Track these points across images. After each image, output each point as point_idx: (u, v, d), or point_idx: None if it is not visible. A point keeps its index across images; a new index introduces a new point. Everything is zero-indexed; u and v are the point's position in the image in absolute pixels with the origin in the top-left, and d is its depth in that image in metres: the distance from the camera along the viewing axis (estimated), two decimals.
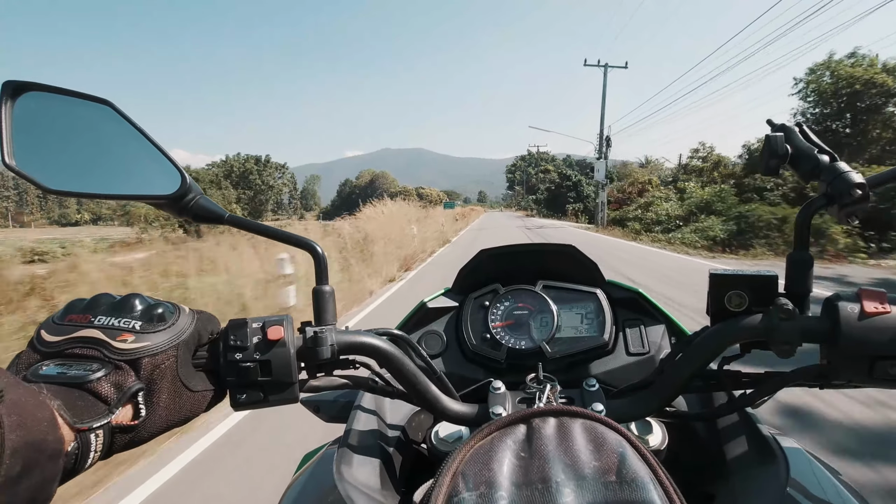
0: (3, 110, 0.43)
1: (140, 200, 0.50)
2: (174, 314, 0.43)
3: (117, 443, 0.38)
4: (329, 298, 0.52)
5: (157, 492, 2.19)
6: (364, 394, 0.69)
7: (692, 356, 0.54)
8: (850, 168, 0.50)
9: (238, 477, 2.27)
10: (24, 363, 0.37)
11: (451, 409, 0.56)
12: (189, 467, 2.40)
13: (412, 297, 5.35)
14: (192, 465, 2.42)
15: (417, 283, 8.03)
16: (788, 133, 0.54)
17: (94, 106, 0.47)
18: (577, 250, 0.80)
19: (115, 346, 0.38)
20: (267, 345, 0.45)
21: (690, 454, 0.65)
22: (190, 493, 2.16)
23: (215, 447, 2.59)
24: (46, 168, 0.45)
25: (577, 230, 23.51)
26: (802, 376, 0.52)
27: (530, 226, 28.26)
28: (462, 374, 0.74)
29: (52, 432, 0.30)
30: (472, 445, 0.38)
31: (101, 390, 0.36)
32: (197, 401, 0.44)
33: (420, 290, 6.71)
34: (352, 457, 0.58)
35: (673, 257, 11.13)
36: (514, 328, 0.76)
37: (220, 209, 0.52)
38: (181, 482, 2.27)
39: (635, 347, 0.76)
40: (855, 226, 0.58)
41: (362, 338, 0.51)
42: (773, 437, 0.56)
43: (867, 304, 0.45)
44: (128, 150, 0.48)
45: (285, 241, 0.54)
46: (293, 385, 0.46)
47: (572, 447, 0.37)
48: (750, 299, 0.52)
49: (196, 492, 2.16)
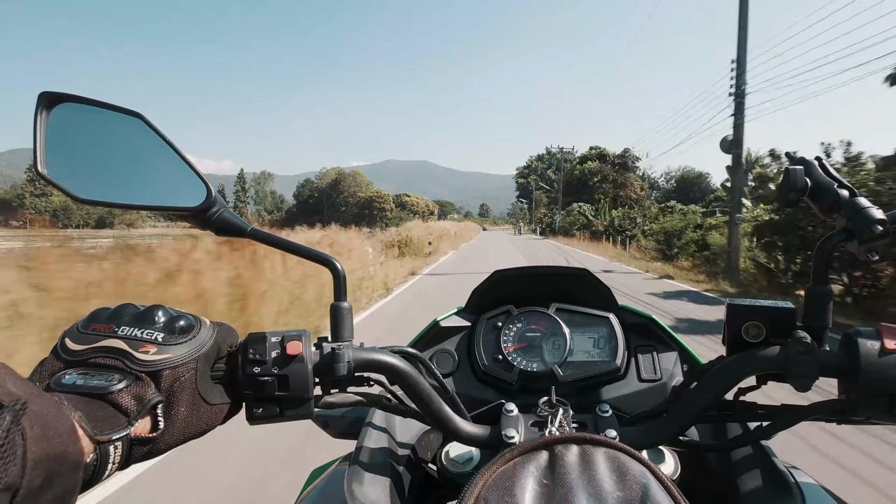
0: (39, 120, 0.44)
1: (166, 211, 0.51)
2: (195, 326, 0.43)
3: (135, 454, 0.38)
4: (347, 315, 0.52)
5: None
6: (375, 411, 0.69)
7: (707, 385, 0.53)
8: (870, 203, 0.50)
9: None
10: (48, 371, 0.37)
11: (463, 430, 0.56)
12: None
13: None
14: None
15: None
16: (808, 166, 0.54)
17: (125, 118, 0.48)
18: (592, 274, 0.80)
19: (137, 358, 0.38)
20: (285, 360, 0.45)
21: (703, 485, 0.64)
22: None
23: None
24: (77, 178, 0.46)
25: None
26: (820, 411, 0.52)
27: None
28: (473, 395, 0.74)
29: (73, 444, 0.30)
30: (495, 470, 0.38)
31: (122, 402, 0.36)
32: (214, 414, 0.44)
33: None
34: (363, 475, 0.57)
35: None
36: (526, 350, 0.76)
37: (244, 223, 0.52)
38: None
39: (647, 374, 0.75)
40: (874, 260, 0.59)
41: (378, 355, 0.51)
42: (788, 471, 0.55)
43: (888, 340, 0.45)
44: (157, 162, 0.49)
45: (305, 256, 0.54)
46: (309, 401, 0.46)
47: (595, 476, 0.36)
48: (767, 331, 0.52)
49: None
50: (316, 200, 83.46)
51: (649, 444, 0.56)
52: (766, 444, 0.60)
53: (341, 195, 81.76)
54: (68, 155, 0.46)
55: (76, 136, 0.47)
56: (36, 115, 0.44)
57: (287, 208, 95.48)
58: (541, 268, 0.82)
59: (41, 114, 0.44)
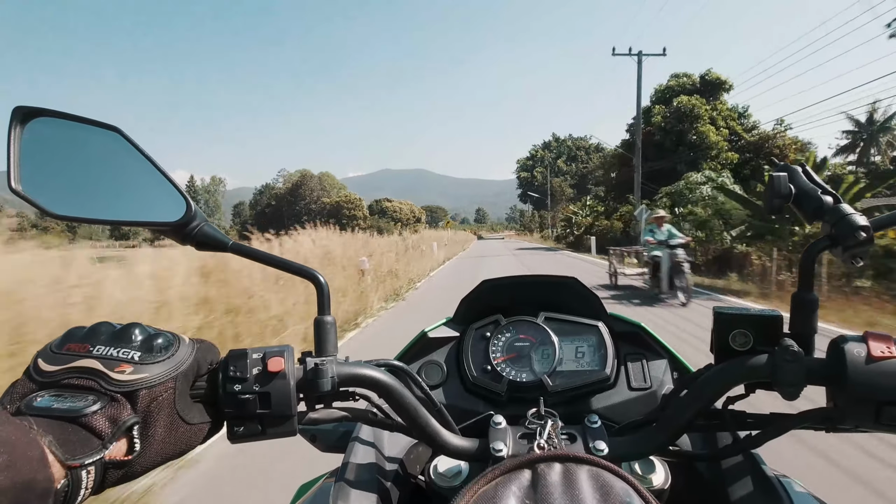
0: (13, 135, 0.43)
1: (144, 227, 0.51)
2: (174, 345, 0.42)
3: (109, 478, 0.37)
4: (331, 329, 0.52)
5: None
6: (362, 425, 0.68)
7: (696, 394, 0.53)
8: (853, 210, 0.50)
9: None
10: (19, 393, 0.36)
11: (450, 444, 0.55)
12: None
13: None
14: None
15: None
16: (792, 173, 0.54)
17: (103, 132, 0.48)
18: (580, 283, 0.80)
19: (113, 378, 0.37)
20: (267, 376, 0.44)
21: (693, 495, 0.64)
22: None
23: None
24: (52, 193, 0.45)
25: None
26: (809, 419, 0.51)
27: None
28: (462, 406, 0.73)
29: (43, 471, 0.29)
30: (476, 491, 0.37)
31: (96, 424, 0.35)
32: (193, 433, 0.43)
33: None
34: (349, 491, 0.56)
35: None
36: (515, 360, 0.76)
37: (224, 237, 0.52)
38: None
39: (637, 382, 0.75)
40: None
41: (363, 370, 0.51)
42: (779, 479, 0.55)
43: (874, 347, 0.45)
44: (135, 176, 0.49)
45: (286, 270, 0.54)
46: (292, 418, 0.46)
47: (578, 496, 0.36)
48: (754, 338, 0.52)
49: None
50: (274, 209, 70.31)
51: (639, 455, 0.56)
52: (756, 452, 0.59)
53: (303, 201, 68.63)
54: (44, 170, 0.45)
55: (52, 150, 0.46)
56: (10, 129, 0.43)
57: (243, 220, 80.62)
58: (529, 277, 0.82)
59: (15, 129, 0.43)
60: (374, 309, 7.99)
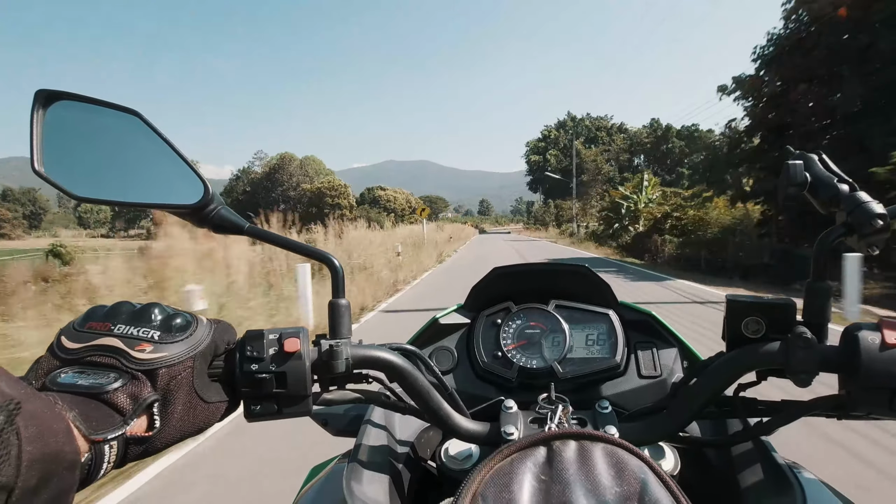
0: (35, 118, 0.44)
1: (163, 209, 0.51)
2: (192, 325, 0.43)
3: (130, 453, 0.38)
4: (345, 311, 0.52)
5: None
6: (374, 408, 0.69)
7: (707, 381, 0.53)
8: (870, 198, 0.50)
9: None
10: (44, 369, 0.37)
11: (462, 427, 0.56)
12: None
13: None
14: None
15: None
16: (808, 161, 0.54)
17: (122, 116, 0.48)
18: (591, 270, 0.80)
19: (134, 356, 0.38)
20: (283, 357, 0.45)
21: (703, 481, 0.64)
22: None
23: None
24: (74, 175, 0.46)
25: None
26: (820, 406, 0.52)
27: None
28: (472, 392, 0.74)
29: (69, 444, 0.30)
30: (492, 467, 0.38)
31: (118, 401, 0.36)
32: (211, 412, 0.44)
33: None
34: (362, 473, 0.57)
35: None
36: (525, 347, 0.76)
37: (241, 220, 0.52)
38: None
39: (647, 370, 0.75)
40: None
41: (376, 352, 0.51)
42: (789, 467, 0.55)
43: (888, 334, 0.45)
44: (153, 159, 0.49)
45: (302, 253, 0.54)
46: (307, 398, 0.46)
47: (593, 472, 0.36)
48: (767, 326, 0.52)
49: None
50: (248, 195, 64.11)
51: (649, 441, 0.56)
52: (766, 439, 0.60)
53: (280, 187, 62.23)
54: (65, 153, 0.46)
55: (73, 133, 0.47)
56: (32, 112, 0.44)
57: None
58: (540, 264, 0.82)
59: (37, 112, 0.44)
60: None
